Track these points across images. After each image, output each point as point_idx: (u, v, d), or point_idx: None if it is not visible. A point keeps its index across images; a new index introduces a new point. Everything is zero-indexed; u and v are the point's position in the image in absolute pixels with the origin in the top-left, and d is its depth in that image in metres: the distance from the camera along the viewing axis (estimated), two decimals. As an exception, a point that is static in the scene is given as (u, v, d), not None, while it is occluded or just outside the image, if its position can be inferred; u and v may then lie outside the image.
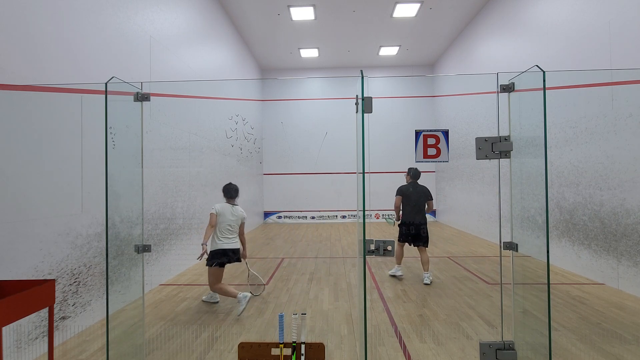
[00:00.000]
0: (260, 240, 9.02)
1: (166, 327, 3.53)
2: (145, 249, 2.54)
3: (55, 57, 3.26)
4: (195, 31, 6.71)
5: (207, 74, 7.22)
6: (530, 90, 2.26)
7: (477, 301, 4.17)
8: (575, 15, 5.38)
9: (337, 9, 8.57)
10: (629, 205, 4.39)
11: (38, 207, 3.01)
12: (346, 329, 3.42)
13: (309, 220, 12.57)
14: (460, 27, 9.68)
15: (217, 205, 4.10)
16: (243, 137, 10.02)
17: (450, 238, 8.80)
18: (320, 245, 8.14)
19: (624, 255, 4.47)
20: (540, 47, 6.26)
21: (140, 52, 4.75)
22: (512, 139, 2.29)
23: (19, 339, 2.78)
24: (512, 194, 2.39)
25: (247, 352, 2.34)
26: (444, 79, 11.91)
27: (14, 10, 2.86)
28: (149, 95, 2.53)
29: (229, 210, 4.07)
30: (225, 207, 4.08)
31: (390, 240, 2.16)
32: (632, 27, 4.37)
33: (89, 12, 3.73)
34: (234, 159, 9.08)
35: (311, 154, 12.70)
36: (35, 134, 3.00)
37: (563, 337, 3.19)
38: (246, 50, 10.66)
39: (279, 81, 13.30)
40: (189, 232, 6.11)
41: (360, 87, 2.21)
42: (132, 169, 2.67)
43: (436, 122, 12.25)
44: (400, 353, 2.93)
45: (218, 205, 4.09)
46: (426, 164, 11.13)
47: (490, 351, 2.36)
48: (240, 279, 5.30)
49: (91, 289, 3.59)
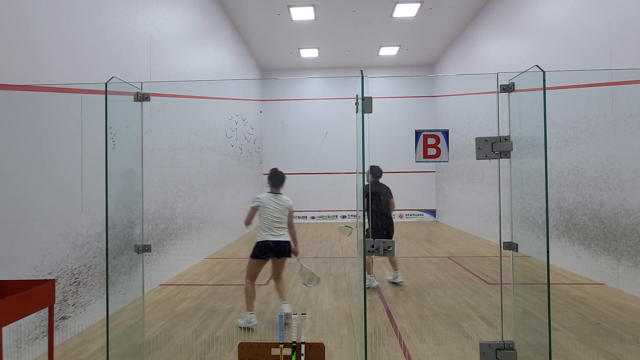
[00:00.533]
0: (260, 240, 9.01)
1: (166, 327, 3.53)
2: (145, 249, 2.53)
3: (55, 57, 3.26)
4: (195, 31, 6.71)
5: (207, 74, 7.22)
6: (530, 90, 2.26)
7: (477, 301, 4.17)
8: (575, 15, 5.38)
9: (337, 9, 8.57)
10: (629, 205, 4.39)
11: (38, 207, 3.01)
12: (346, 329, 3.42)
13: (309, 220, 12.56)
14: (460, 27, 9.68)
15: (260, 196, 3.76)
16: (243, 137, 10.02)
17: (450, 238, 8.80)
18: (320, 245, 8.14)
19: (624, 255, 4.47)
20: (540, 47, 6.26)
21: (140, 52, 4.75)
22: (512, 139, 2.29)
23: (19, 339, 2.78)
24: (512, 194, 2.39)
25: (247, 352, 2.33)
26: (444, 79, 11.91)
27: (14, 10, 2.86)
28: (149, 95, 2.53)
29: (272, 201, 3.76)
30: (268, 198, 3.76)
31: (390, 240, 2.16)
32: (632, 27, 4.37)
33: (89, 12, 3.73)
34: (234, 159, 9.08)
35: (311, 154, 12.69)
36: (35, 134, 3.00)
37: (563, 337, 3.19)
38: (246, 50, 10.66)
39: (279, 81, 13.30)
40: (189, 232, 6.11)
41: (360, 87, 2.21)
42: (132, 169, 2.67)
43: (436, 122, 12.25)
44: (400, 353, 2.93)
45: (261, 196, 3.76)
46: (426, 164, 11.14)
47: (490, 351, 2.36)
48: (240, 279, 5.29)
49: (91, 289, 3.59)
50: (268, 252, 3.65)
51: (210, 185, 7.24)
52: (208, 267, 6.09)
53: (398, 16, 8.89)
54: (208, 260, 6.65)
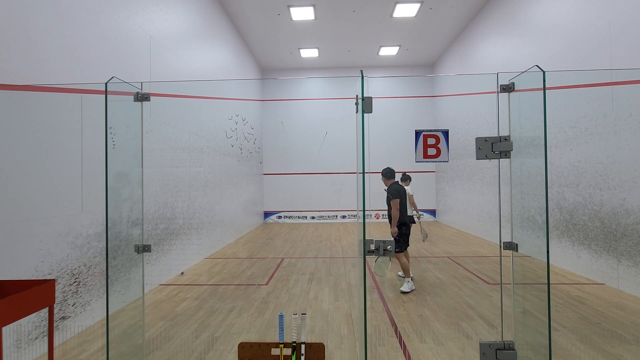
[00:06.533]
0: (260, 240, 9.02)
1: (166, 327, 3.53)
2: (145, 249, 2.53)
3: (55, 57, 3.26)
4: (195, 31, 6.71)
5: (207, 74, 7.22)
6: (530, 90, 2.26)
7: (477, 301, 4.17)
8: (575, 15, 5.38)
9: (337, 9, 8.57)
10: (629, 205, 4.39)
11: (38, 207, 3.01)
12: (346, 329, 3.42)
13: (309, 220, 12.56)
14: (460, 27, 9.68)
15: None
16: (243, 137, 10.02)
17: (450, 238, 8.80)
18: (320, 245, 8.14)
19: (624, 255, 4.47)
20: (540, 47, 6.26)
21: (140, 52, 4.75)
22: (512, 139, 2.29)
23: (19, 339, 2.78)
24: (512, 194, 2.39)
25: (247, 352, 2.34)
26: (444, 79, 11.91)
27: (14, 10, 2.86)
28: (149, 95, 2.53)
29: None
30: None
31: (390, 240, 2.15)
32: (632, 27, 4.37)
33: (89, 12, 3.73)
34: (234, 159, 9.08)
35: (311, 154, 12.70)
36: (35, 134, 3.00)
37: (563, 337, 3.19)
38: (246, 50, 10.66)
39: (279, 81, 13.29)
40: (189, 232, 6.11)
41: (360, 87, 2.21)
42: (132, 169, 2.67)
43: (436, 122, 12.25)
44: (400, 353, 2.93)
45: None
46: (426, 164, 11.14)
47: (490, 351, 2.36)
48: (240, 279, 5.30)
49: (91, 289, 3.59)
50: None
51: (210, 185, 7.24)
52: (208, 267, 6.10)
53: (398, 16, 8.89)
54: (208, 260, 6.65)
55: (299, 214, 12.59)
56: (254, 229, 11.13)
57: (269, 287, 4.86)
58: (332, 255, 6.92)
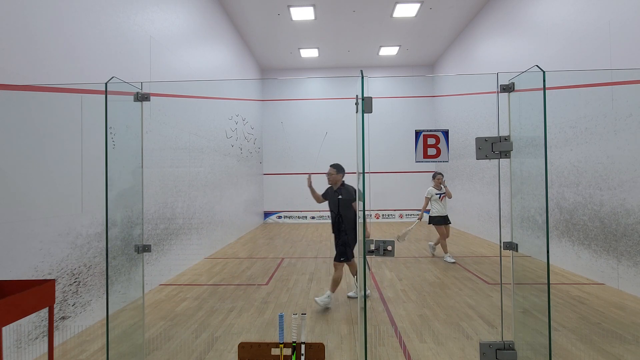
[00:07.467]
0: (260, 240, 9.01)
1: (166, 327, 3.53)
2: (145, 249, 2.53)
3: (55, 57, 3.26)
4: (195, 31, 6.71)
5: (207, 74, 7.22)
6: (530, 90, 2.26)
7: (477, 301, 4.17)
8: (575, 15, 5.38)
9: (337, 9, 8.57)
10: (629, 205, 4.39)
11: (38, 207, 3.01)
12: (346, 329, 3.42)
13: (309, 220, 12.56)
14: (460, 27, 9.68)
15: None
16: (243, 137, 10.02)
17: (450, 238, 8.79)
18: (320, 245, 8.14)
19: (624, 255, 4.47)
20: (540, 47, 6.26)
21: (140, 52, 4.75)
22: (512, 139, 2.29)
23: (19, 339, 2.78)
24: (512, 194, 2.39)
25: (247, 352, 2.33)
26: (444, 79, 11.91)
27: (14, 10, 2.86)
28: (149, 95, 2.53)
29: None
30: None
31: (390, 240, 2.16)
32: (632, 27, 4.37)
33: (89, 12, 3.73)
34: (234, 159, 9.08)
35: (311, 154, 12.69)
36: (35, 134, 3.00)
37: (563, 337, 3.19)
38: (246, 50, 10.66)
39: (279, 81, 13.29)
40: (189, 232, 6.11)
41: (360, 87, 2.21)
42: (132, 169, 2.67)
43: (436, 122, 12.25)
44: (400, 353, 2.93)
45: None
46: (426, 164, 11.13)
47: (490, 351, 2.36)
48: (240, 279, 5.30)
49: (91, 289, 3.59)
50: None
51: (210, 185, 7.24)
52: (208, 267, 6.09)
53: (398, 16, 8.89)
54: (208, 260, 6.65)
55: (299, 214, 12.59)
56: (254, 229, 11.12)
57: (269, 287, 4.86)
58: (332, 255, 6.91)
